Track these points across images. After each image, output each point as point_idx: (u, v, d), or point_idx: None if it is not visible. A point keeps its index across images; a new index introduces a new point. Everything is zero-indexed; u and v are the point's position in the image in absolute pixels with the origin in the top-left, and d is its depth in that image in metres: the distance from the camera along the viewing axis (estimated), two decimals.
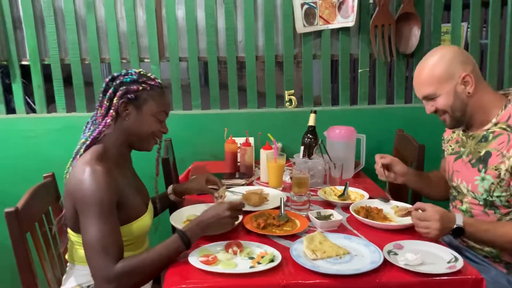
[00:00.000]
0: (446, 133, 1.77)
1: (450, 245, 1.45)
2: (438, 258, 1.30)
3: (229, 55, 2.43)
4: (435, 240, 1.39)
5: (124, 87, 1.41)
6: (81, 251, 1.40)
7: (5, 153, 2.36)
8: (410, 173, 1.76)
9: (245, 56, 2.44)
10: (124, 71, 1.46)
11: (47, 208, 1.59)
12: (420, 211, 1.42)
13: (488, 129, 1.53)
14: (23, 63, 2.37)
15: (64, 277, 1.49)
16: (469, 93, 1.49)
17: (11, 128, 2.36)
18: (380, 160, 1.76)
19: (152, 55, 2.39)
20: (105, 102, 1.42)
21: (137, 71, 1.46)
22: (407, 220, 1.50)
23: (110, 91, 1.41)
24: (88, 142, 1.39)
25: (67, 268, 1.49)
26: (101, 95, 1.45)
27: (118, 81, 1.42)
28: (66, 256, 1.50)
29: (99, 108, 1.45)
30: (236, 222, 1.46)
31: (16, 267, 1.34)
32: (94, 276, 1.22)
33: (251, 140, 2.18)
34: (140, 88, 1.42)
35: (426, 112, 1.58)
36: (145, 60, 2.42)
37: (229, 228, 1.42)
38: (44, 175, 1.66)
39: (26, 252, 1.33)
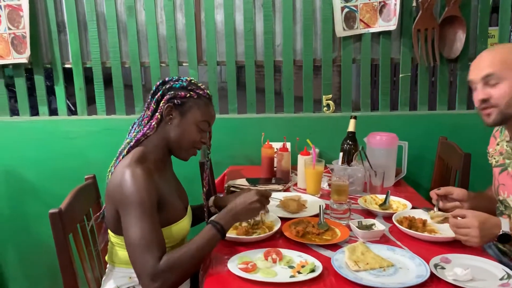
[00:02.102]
0: (490, 146, 1.68)
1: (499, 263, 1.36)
2: (489, 274, 1.23)
3: (266, 59, 2.41)
4: (481, 250, 1.31)
5: (172, 91, 1.42)
6: (121, 253, 1.41)
7: (48, 154, 2.42)
8: (471, 197, 1.61)
9: (282, 60, 2.42)
10: (175, 77, 1.48)
11: (88, 210, 1.61)
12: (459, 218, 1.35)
13: None
14: (66, 66, 2.43)
15: (103, 278, 1.50)
16: None
17: (53, 130, 2.42)
18: (435, 193, 1.62)
19: (191, 59, 2.40)
20: (152, 104, 1.44)
21: (188, 78, 1.48)
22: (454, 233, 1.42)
23: (159, 94, 1.43)
24: (132, 143, 1.41)
25: (107, 270, 1.50)
26: (150, 97, 1.46)
27: (167, 86, 1.44)
28: (106, 258, 1.51)
29: (146, 110, 1.47)
30: (264, 211, 1.47)
31: (56, 265, 1.36)
32: (139, 275, 1.22)
33: (288, 145, 2.15)
34: (188, 95, 1.43)
35: (474, 101, 1.45)
36: (184, 64, 2.43)
37: (257, 214, 1.42)
38: (85, 176, 1.68)
39: (68, 252, 1.35)
